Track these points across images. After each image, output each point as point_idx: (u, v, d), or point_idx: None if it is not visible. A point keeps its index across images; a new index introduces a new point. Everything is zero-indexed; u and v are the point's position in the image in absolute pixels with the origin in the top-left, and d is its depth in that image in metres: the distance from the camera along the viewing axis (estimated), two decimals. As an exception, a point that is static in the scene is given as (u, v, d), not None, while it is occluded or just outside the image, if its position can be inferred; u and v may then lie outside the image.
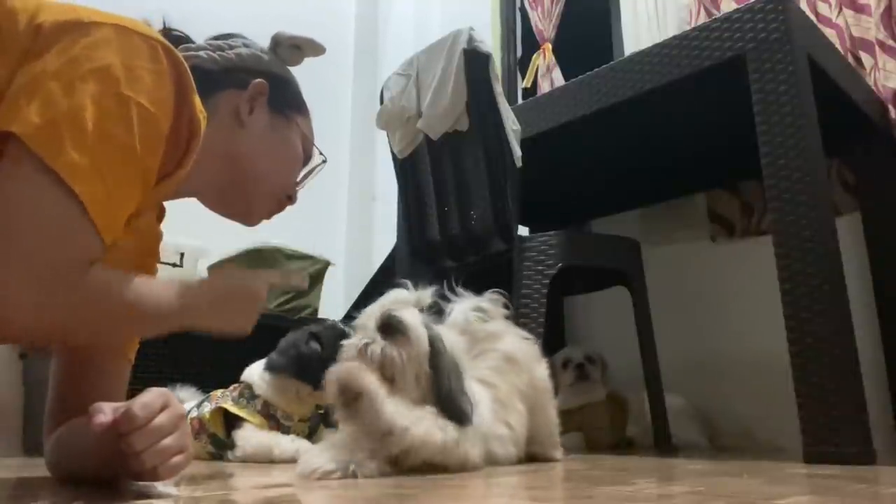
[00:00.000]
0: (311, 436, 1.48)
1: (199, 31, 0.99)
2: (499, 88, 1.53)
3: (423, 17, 3.25)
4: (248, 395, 1.42)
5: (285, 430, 1.41)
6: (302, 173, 0.99)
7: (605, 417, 1.82)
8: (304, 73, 1.04)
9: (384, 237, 2.63)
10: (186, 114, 0.72)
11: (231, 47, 0.94)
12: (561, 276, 1.49)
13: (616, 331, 1.99)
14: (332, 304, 2.64)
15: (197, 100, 0.73)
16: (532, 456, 1.16)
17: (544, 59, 2.69)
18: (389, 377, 0.90)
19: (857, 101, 1.52)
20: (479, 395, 1.01)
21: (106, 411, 0.59)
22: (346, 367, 0.91)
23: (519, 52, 3.01)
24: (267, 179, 0.93)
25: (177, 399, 0.64)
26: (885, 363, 1.64)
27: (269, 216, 0.97)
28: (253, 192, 0.92)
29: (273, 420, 1.41)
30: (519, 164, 1.52)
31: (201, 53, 0.91)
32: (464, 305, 1.17)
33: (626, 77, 1.49)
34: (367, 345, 0.92)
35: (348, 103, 3.31)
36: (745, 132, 1.31)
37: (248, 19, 3.08)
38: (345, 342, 0.96)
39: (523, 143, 1.55)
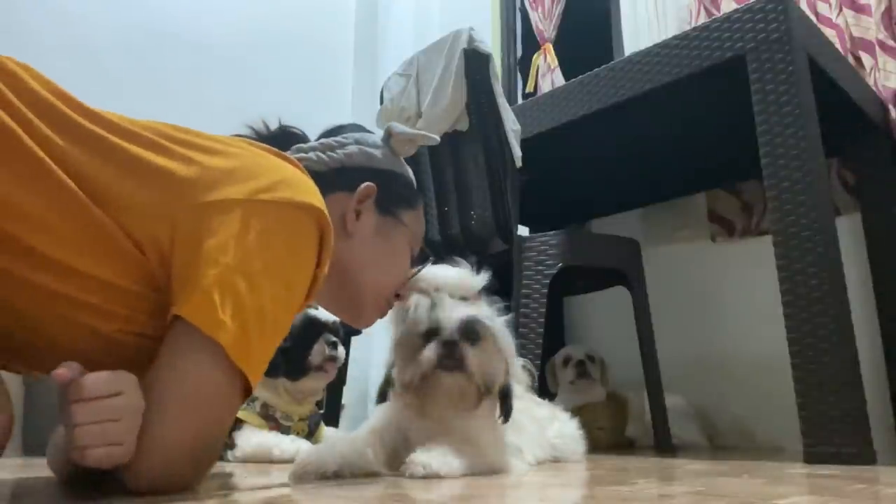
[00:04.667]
0: (311, 435, 1.48)
1: (200, 29, 1.00)
2: (499, 88, 1.52)
3: (423, 17, 3.24)
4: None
5: (285, 431, 1.42)
6: (410, 272, 1.00)
7: (606, 417, 1.82)
8: (303, 73, 1.05)
9: (384, 237, 2.62)
10: (315, 275, 0.76)
11: (342, 145, 0.95)
12: (561, 276, 1.49)
13: (616, 331, 1.99)
14: (332, 304, 2.63)
15: (327, 262, 0.77)
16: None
17: (545, 60, 2.69)
18: (478, 383, 0.89)
19: (857, 101, 1.52)
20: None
21: (74, 370, 0.59)
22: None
23: (519, 53, 3.01)
24: (374, 287, 0.95)
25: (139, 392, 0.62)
26: (885, 363, 1.64)
27: (380, 317, 0.99)
28: (360, 299, 0.95)
29: (272, 421, 1.41)
30: (519, 164, 1.52)
31: (311, 155, 0.93)
32: None
33: (626, 77, 1.49)
34: (451, 349, 0.88)
35: (348, 103, 3.31)
36: (745, 132, 1.31)
37: (249, 19, 3.08)
38: (425, 349, 0.89)
39: (523, 143, 1.55)
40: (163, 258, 0.68)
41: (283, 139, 0.96)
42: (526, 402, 1.16)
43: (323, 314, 1.48)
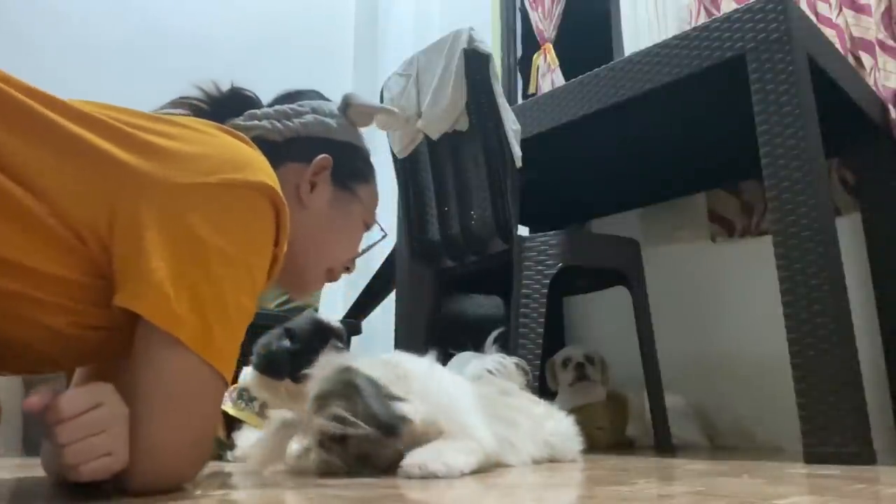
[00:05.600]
0: (311, 436, 1.48)
1: (200, 29, 1.00)
2: (499, 88, 1.52)
3: (423, 17, 3.25)
4: (247, 397, 1.43)
5: (285, 431, 1.42)
6: (361, 246, 0.99)
7: (605, 417, 1.82)
8: (303, 74, 1.04)
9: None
10: (274, 255, 0.74)
11: (298, 114, 0.92)
12: (561, 276, 1.49)
13: (616, 331, 1.99)
14: (331, 304, 2.63)
15: (285, 240, 0.75)
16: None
17: (545, 60, 2.69)
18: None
19: (857, 101, 1.52)
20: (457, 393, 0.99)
21: (44, 395, 0.58)
22: None
23: (519, 53, 3.01)
24: (324, 261, 0.94)
25: (118, 397, 0.61)
26: (885, 363, 1.64)
27: (322, 286, 0.99)
28: (308, 271, 0.93)
29: (273, 420, 1.41)
30: (519, 164, 1.52)
31: (265, 123, 0.90)
32: (482, 362, 1.15)
33: (626, 77, 1.49)
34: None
35: (348, 103, 3.31)
36: (745, 132, 1.31)
37: (248, 19, 3.08)
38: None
39: (523, 143, 1.55)
40: (103, 246, 0.64)
41: (235, 102, 0.93)
42: (522, 401, 1.16)
43: (331, 320, 1.49)
